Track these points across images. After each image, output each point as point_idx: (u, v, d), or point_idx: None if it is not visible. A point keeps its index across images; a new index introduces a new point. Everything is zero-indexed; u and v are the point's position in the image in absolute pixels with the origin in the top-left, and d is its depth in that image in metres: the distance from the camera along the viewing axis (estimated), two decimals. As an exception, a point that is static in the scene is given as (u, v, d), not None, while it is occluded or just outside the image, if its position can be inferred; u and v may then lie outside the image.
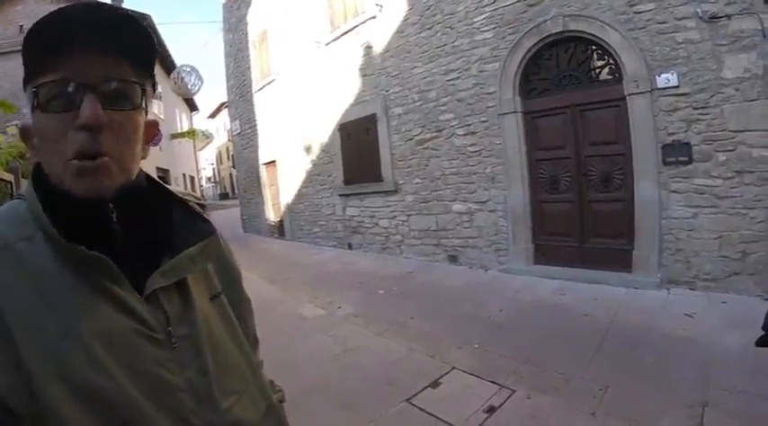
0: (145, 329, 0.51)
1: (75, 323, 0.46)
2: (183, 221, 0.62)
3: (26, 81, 0.52)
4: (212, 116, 34.29)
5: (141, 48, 0.54)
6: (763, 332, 1.63)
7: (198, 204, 0.66)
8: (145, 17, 9.92)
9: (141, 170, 0.60)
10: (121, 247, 0.53)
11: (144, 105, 0.55)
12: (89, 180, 0.50)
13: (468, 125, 5.36)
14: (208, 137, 39.78)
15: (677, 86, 3.71)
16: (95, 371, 0.45)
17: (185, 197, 0.66)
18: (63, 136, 0.49)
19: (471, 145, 5.36)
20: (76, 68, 0.49)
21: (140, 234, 0.56)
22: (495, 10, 4.94)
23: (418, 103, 6.00)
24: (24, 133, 0.55)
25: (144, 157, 0.59)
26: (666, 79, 3.76)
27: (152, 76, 0.58)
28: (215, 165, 39.14)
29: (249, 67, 10.48)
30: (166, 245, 0.58)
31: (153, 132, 0.61)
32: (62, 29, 0.48)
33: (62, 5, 0.48)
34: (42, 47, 0.49)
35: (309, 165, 8.47)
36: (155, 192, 0.62)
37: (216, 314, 0.61)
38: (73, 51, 0.49)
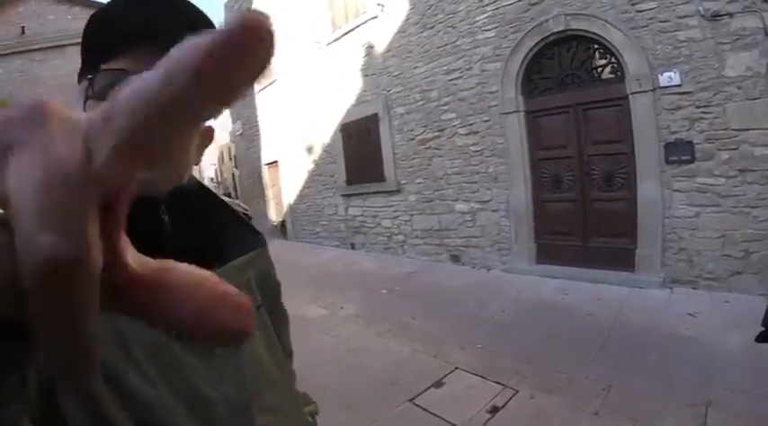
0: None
1: (124, 329, 0.46)
2: (233, 230, 0.60)
3: (81, 72, 0.50)
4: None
5: None
6: (763, 328, 1.64)
7: (245, 214, 0.64)
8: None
9: (193, 176, 0.58)
10: (171, 253, 0.52)
11: None
12: None
13: (471, 124, 5.36)
14: (209, 137, 39.80)
15: (680, 85, 3.70)
16: (138, 376, 0.46)
17: (234, 206, 0.64)
18: None
19: (474, 144, 5.36)
20: (138, 61, 0.46)
21: (189, 240, 0.54)
22: (497, 9, 4.93)
23: (420, 103, 6.00)
24: None
25: (197, 163, 0.56)
26: (669, 78, 3.74)
27: None
28: (217, 166, 39.17)
29: (250, 68, 10.48)
30: (215, 254, 0.55)
31: (209, 137, 0.58)
32: (130, 19, 0.47)
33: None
34: (107, 35, 0.47)
35: (311, 166, 8.48)
36: (205, 199, 0.60)
37: (256, 327, 0.61)
38: (138, 44, 0.46)
